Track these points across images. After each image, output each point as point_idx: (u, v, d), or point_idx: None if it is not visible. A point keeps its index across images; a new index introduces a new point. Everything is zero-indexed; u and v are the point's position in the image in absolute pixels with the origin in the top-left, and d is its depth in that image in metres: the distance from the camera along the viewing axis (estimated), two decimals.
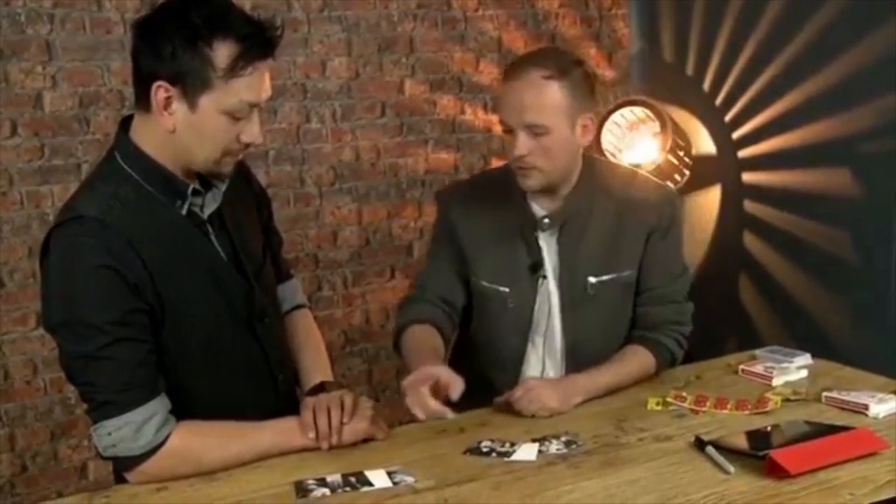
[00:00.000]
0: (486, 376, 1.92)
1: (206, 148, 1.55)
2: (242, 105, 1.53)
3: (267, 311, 1.74)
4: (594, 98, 1.85)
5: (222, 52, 1.49)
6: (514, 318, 1.93)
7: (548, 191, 1.89)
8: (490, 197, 1.96)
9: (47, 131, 2.88)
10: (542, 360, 1.96)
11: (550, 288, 1.92)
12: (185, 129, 1.54)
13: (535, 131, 1.80)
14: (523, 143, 1.81)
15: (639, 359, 1.92)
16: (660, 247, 1.94)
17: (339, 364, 3.38)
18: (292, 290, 1.96)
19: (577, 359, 1.93)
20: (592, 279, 1.91)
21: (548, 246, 1.92)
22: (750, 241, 3.32)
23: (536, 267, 1.92)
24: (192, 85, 1.50)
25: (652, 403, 1.83)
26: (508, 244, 1.93)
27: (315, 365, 1.86)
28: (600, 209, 1.92)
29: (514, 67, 1.83)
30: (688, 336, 2.02)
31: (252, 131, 1.57)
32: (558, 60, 1.82)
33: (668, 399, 1.84)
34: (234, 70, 1.50)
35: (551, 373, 1.97)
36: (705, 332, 3.45)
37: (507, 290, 1.93)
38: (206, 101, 1.51)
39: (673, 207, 1.96)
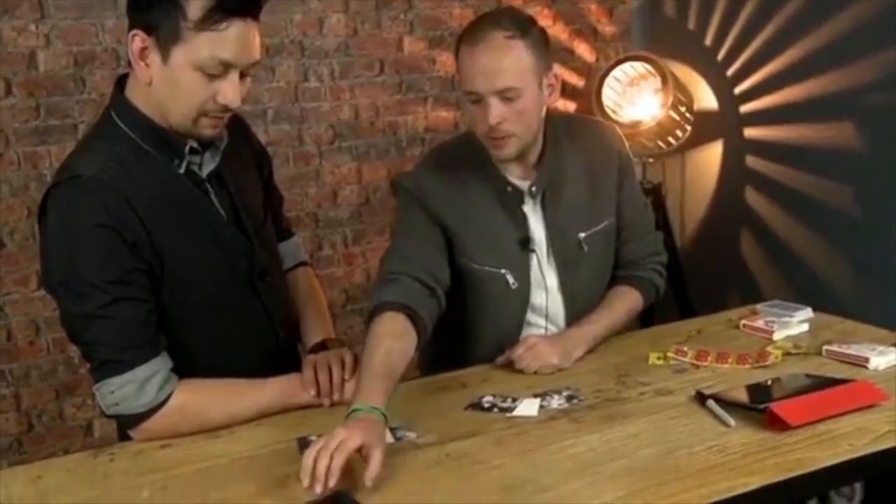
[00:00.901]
0: (490, 358, 1.88)
1: (181, 104, 1.52)
2: (214, 62, 1.48)
3: (268, 270, 1.73)
4: (552, 56, 1.78)
5: (196, 4, 1.46)
6: (516, 297, 1.89)
7: (520, 158, 1.82)
8: (461, 174, 1.84)
9: (42, 91, 2.86)
10: (545, 328, 1.93)
11: (540, 257, 1.88)
12: (160, 83, 1.51)
13: (507, 95, 1.70)
14: (496, 110, 1.70)
15: (626, 299, 1.95)
16: (626, 183, 1.96)
17: (340, 322, 3.39)
18: (294, 248, 1.95)
19: (578, 313, 1.92)
20: (583, 234, 1.90)
21: (533, 216, 1.87)
22: (752, 196, 3.32)
23: (526, 241, 1.86)
24: (164, 36, 1.48)
25: (653, 358, 1.84)
26: (493, 221, 1.85)
27: (316, 323, 1.86)
28: (570, 165, 1.89)
29: (471, 32, 1.71)
30: (666, 264, 2.05)
31: (227, 92, 1.51)
32: (516, 19, 1.73)
33: (669, 354, 1.84)
34: (205, 23, 1.46)
35: (552, 331, 1.95)
36: (707, 287, 3.48)
37: (505, 271, 1.86)
38: (178, 54, 1.48)
39: (621, 140, 1.98)
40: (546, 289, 1.90)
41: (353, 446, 1.36)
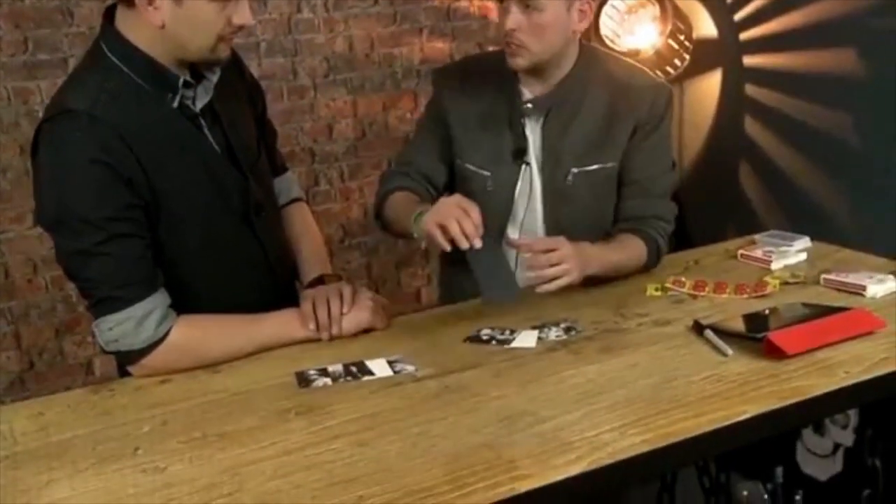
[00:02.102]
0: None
1: (200, 37, 1.53)
2: None
3: (263, 205, 1.73)
4: None
5: None
6: (493, 203, 1.91)
7: (537, 73, 1.86)
8: (482, 80, 1.93)
9: (29, 23, 2.81)
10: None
11: (533, 175, 1.91)
12: (176, 23, 1.50)
13: (528, 4, 1.75)
14: (514, 17, 1.77)
15: (636, 247, 1.91)
16: (648, 140, 1.91)
17: (337, 258, 3.40)
18: (288, 184, 1.95)
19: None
20: (575, 169, 1.89)
21: (533, 133, 1.90)
22: (751, 125, 3.29)
23: (520, 153, 1.90)
24: None
25: (651, 289, 1.84)
26: (495, 129, 1.92)
27: (313, 258, 1.87)
28: (592, 99, 1.89)
29: None
30: (670, 237, 2.00)
31: (243, 12, 1.54)
32: None
33: (667, 285, 1.85)
34: None
35: (524, 259, 1.96)
36: (705, 218, 3.48)
37: (488, 173, 1.92)
38: None
39: (665, 101, 1.92)
40: (529, 207, 1.92)
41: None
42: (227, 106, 1.67)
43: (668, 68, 3.25)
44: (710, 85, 3.41)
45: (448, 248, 1.62)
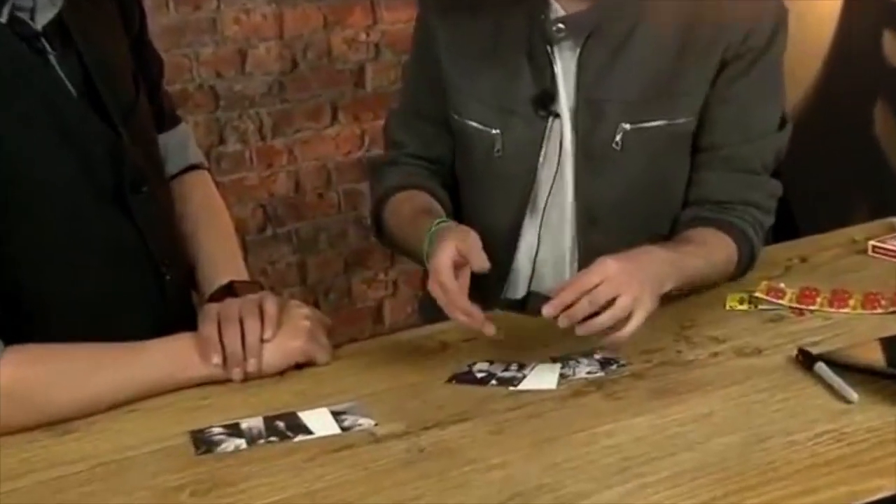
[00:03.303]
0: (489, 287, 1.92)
1: None
2: None
3: (145, 176, 1.74)
4: None
5: None
6: (504, 175, 1.95)
7: None
8: None
9: None
10: (538, 235, 1.98)
11: (564, 132, 1.93)
12: None
13: None
14: None
15: (722, 248, 1.90)
16: (739, 84, 1.92)
17: (256, 255, 3.40)
18: (181, 142, 1.97)
19: (592, 241, 1.93)
20: (626, 125, 1.90)
21: (565, 70, 1.91)
22: (893, 46, 3.28)
23: (545, 99, 1.91)
24: None
25: (733, 301, 1.85)
26: (507, 64, 1.93)
27: (219, 256, 1.89)
28: (655, 20, 1.90)
29: None
30: (766, 232, 2.01)
31: None
32: None
33: (758, 294, 1.86)
34: None
35: (548, 257, 1.99)
36: (818, 192, 3.48)
37: (495, 131, 1.94)
38: None
39: (773, 24, 1.92)
40: (556, 185, 1.94)
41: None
42: (85, 22, 1.68)
43: None
44: None
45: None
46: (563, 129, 1.93)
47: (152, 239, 1.75)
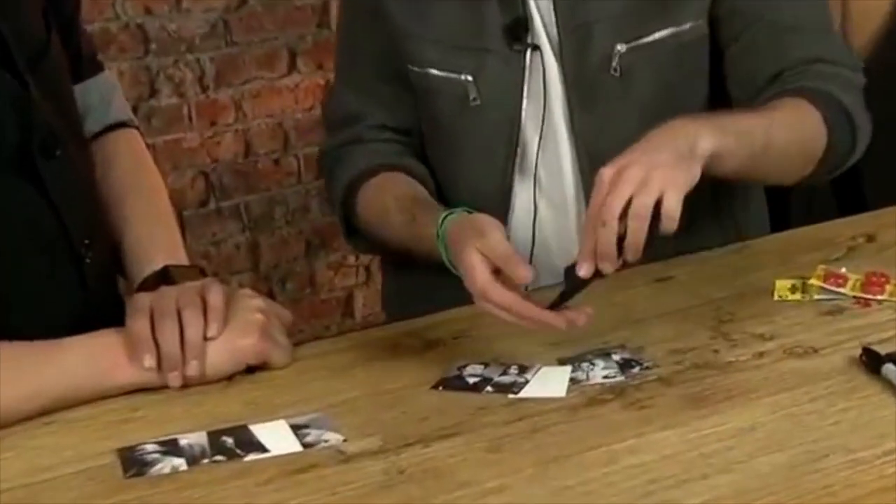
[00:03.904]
0: None
1: None
2: None
3: (58, 137, 1.75)
4: None
5: None
6: (483, 130, 1.98)
7: None
8: None
9: None
10: (534, 197, 2.01)
11: (547, 67, 1.95)
12: None
13: None
14: None
15: (796, 108, 1.86)
16: None
17: (197, 232, 3.40)
18: (103, 95, 1.98)
19: None
20: (622, 46, 1.93)
21: None
22: None
23: (518, 29, 1.93)
24: None
25: (782, 288, 1.86)
26: None
27: (152, 234, 1.90)
28: None
29: None
30: (858, 87, 1.99)
31: None
32: None
33: (812, 280, 1.87)
34: None
35: (549, 221, 2.02)
36: (891, 157, 3.47)
37: (467, 77, 1.96)
38: None
39: None
40: (546, 129, 1.96)
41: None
42: None
43: None
44: None
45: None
46: (546, 63, 1.95)
47: (68, 214, 1.76)
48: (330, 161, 2.12)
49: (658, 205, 1.53)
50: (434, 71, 1.99)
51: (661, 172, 1.54)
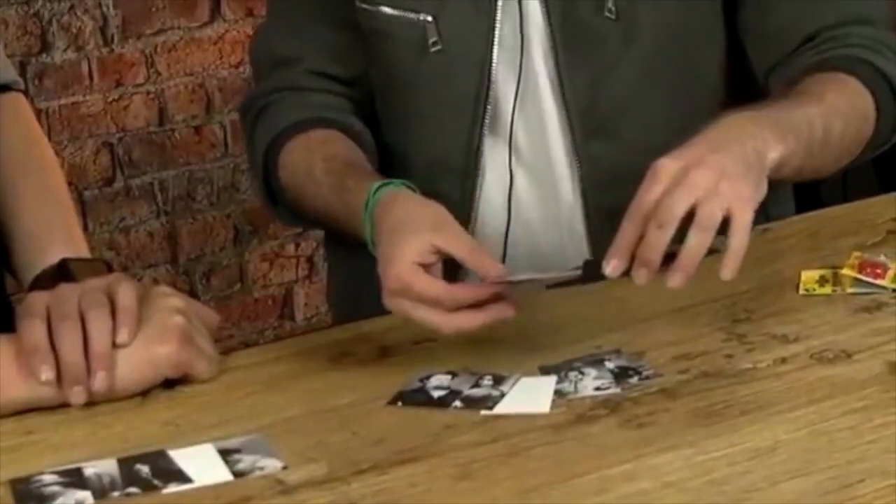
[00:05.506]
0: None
1: None
2: None
3: None
4: None
5: None
6: (446, 79, 2.00)
7: None
8: None
9: None
10: (509, 162, 2.02)
11: (527, 14, 1.97)
12: None
13: None
14: None
15: (840, 85, 1.90)
16: None
17: (100, 217, 3.40)
18: None
19: (595, 158, 1.99)
20: None
21: None
22: None
23: None
24: None
25: (809, 280, 1.88)
26: None
27: (45, 221, 1.92)
28: None
29: None
30: None
31: None
32: None
33: (844, 271, 1.89)
34: None
35: (527, 193, 2.05)
36: None
37: (427, 17, 1.98)
38: None
39: None
40: (524, 88, 1.99)
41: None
42: None
43: None
44: None
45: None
46: (525, 4, 1.97)
47: None
48: (254, 112, 2.11)
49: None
50: (387, 9, 1.99)
51: (731, 183, 1.59)
